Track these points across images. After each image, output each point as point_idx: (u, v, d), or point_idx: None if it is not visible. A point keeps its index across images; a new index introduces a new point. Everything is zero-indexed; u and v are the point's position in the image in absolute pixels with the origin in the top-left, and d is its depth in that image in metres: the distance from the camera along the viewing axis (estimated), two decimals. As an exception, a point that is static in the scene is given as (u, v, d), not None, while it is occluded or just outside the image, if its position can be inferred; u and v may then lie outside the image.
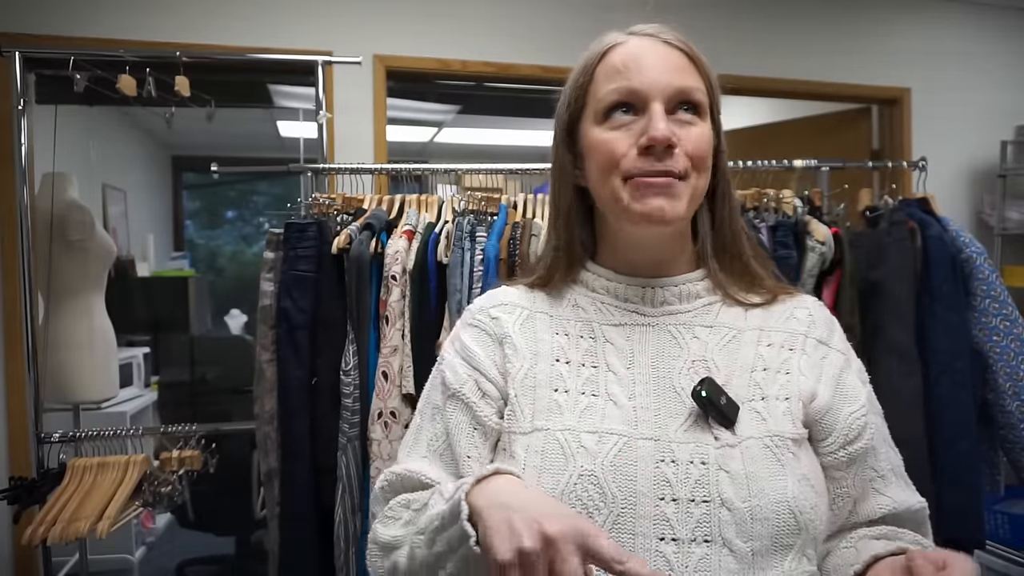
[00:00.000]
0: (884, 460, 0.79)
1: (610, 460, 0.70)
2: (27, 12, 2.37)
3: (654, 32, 0.79)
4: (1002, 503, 2.83)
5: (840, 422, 0.75)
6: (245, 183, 6.51)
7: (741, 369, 0.75)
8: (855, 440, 0.75)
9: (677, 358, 0.76)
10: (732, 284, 0.81)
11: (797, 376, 0.75)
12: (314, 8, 2.64)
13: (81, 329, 2.27)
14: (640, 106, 0.74)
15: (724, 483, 0.67)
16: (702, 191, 0.77)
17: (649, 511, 0.67)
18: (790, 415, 0.73)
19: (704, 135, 0.75)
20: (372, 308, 1.65)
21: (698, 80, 0.76)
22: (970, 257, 1.78)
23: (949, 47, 3.46)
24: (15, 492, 1.89)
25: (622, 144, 0.74)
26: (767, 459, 0.69)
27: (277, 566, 1.65)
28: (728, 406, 0.70)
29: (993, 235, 3.33)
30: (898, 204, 1.86)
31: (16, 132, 2.00)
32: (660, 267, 0.81)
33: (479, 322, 0.84)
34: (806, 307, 0.82)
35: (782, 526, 0.66)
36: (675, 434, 0.71)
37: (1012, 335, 1.75)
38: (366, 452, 1.60)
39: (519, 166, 1.94)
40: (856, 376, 0.79)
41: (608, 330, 0.79)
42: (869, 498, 0.78)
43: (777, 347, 0.77)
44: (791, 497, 0.67)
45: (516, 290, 0.87)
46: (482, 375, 0.79)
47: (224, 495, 2.81)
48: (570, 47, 3.41)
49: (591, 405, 0.74)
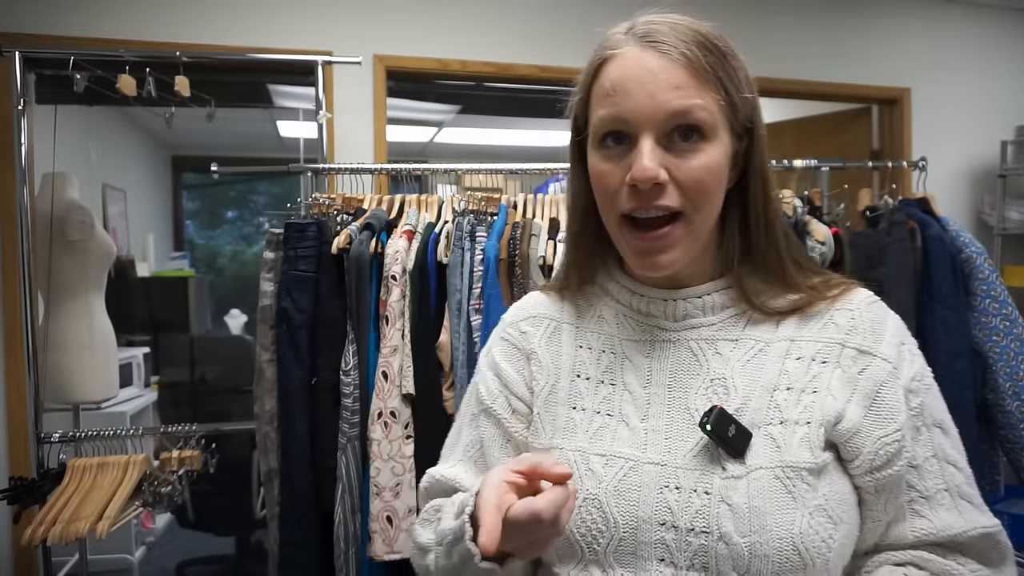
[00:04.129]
0: (935, 479, 0.70)
1: (614, 485, 0.70)
2: (27, 12, 2.37)
3: (653, 38, 0.69)
4: (1002, 503, 2.83)
5: (868, 446, 0.68)
6: (245, 183, 6.51)
7: (762, 389, 0.71)
8: (884, 467, 0.68)
9: (695, 376, 0.73)
10: (762, 291, 0.75)
11: (824, 396, 0.69)
12: (314, 8, 2.64)
13: (81, 329, 2.26)
14: (631, 134, 0.69)
15: (724, 516, 0.65)
16: (708, 220, 0.72)
17: (650, 537, 0.68)
18: (808, 442, 0.67)
19: (706, 163, 0.68)
20: (372, 308, 1.65)
21: (702, 95, 0.68)
22: (970, 257, 1.78)
23: (949, 47, 3.46)
24: (15, 492, 1.89)
25: (614, 179, 0.70)
26: (776, 492, 0.65)
27: (277, 566, 1.65)
28: (737, 437, 0.67)
29: (993, 235, 3.33)
30: (898, 204, 1.86)
31: (16, 132, 2.00)
32: (682, 278, 0.76)
33: (509, 336, 0.85)
34: (850, 309, 0.73)
35: (784, 564, 0.64)
36: (683, 460, 0.69)
37: (1012, 335, 1.75)
38: (366, 452, 1.60)
39: (519, 166, 1.94)
40: (903, 389, 0.70)
41: (628, 346, 0.77)
42: (904, 520, 0.71)
43: (807, 360, 0.71)
44: (797, 533, 0.64)
45: (547, 298, 0.86)
46: (511, 393, 0.81)
47: (224, 495, 2.82)
48: (569, 47, 3.43)
49: (604, 426, 0.74)
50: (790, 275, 0.75)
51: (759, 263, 0.75)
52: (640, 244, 0.71)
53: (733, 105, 0.70)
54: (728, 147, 0.71)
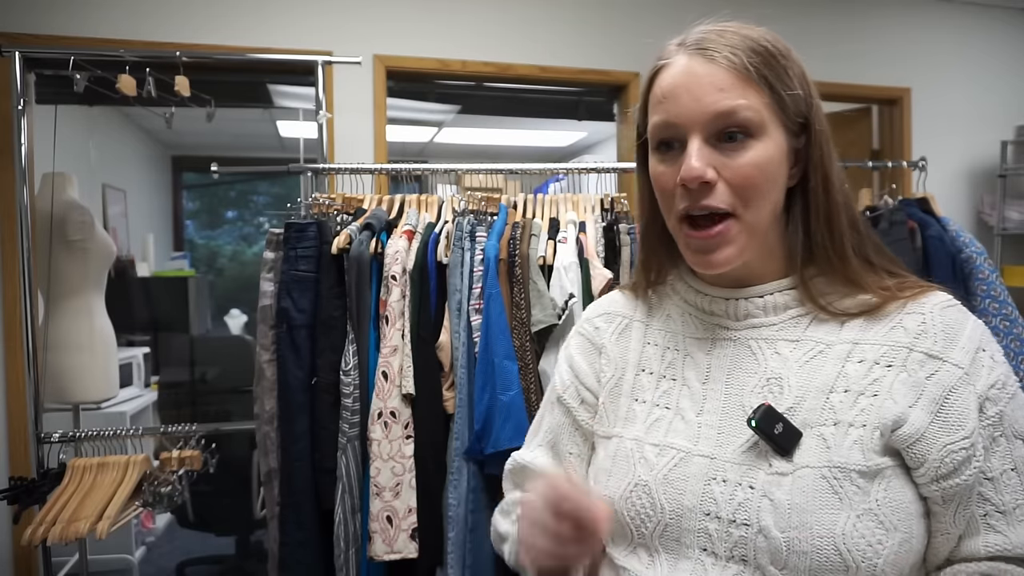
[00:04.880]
0: (1013, 493, 0.68)
1: (664, 473, 0.73)
2: (27, 12, 2.38)
3: (702, 45, 0.72)
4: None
5: (933, 453, 0.66)
6: (245, 183, 6.51)
7: (817, 390, 0.70)
8: (951, 475, 0.66)
9: (752, 374, 0.74)
10: (828, 292, 0.75)
11: (884, 399, 0.68)
12: (314, 8, 2.64)
13: (81, 329, 2.27)
14: (681, 139, 0.72)
15: (765, 510, 0.67)
16: (763, 218, 0.73)
17: (694, 525, 0.70)
18: (861, 445, 0.67)
19: (755, 160, 0.70)
20: (372, 308, 1.65)
21: (747, 95, 0.70)
22: (970, 257, 1.78)
23: (949, 47, 3.47)
24: (15, 492, 1.89)
25: (669, 180, 0.73)
26: (821, 491, 0.66)
27: (277, 566, 1.65)
28: (784, 435, 0.68)
29: (993, 235, 3.33)
30: (898, 204, 1.86)
31: (16, 132, 2.00)
32: (746, 278, 0.77)
33: (585, 331, 0.90)
34: (922, 313, 0.72)
35: (823, 562, 0.64)
36: (731, 454, 0.71)
37: (1012, 335, 1.75)
38: (366, 452, 1.60)
39: (519, 166, 1.94)
40: (976, 397, 0.68)
41: (691, 343, 0.80)
42: (979, 534, 0.69)
43: (869, 363, 0.70)
44: (839, 533, 0.64)
45: (623, 297, 0.90)
46: (582, 384, 0.86)
47: (224, 495, 2.82)
48: (569, 47, 3.42)
49: (661, 417, 0.77)
50: (856, 275, 0.74)
51: (823, 262, 0.75)
52: (695, 242, 0.73)
53: (782, 102, 0.72)
54: (783, 144, 0.72)
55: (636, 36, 3.00)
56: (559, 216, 1.81)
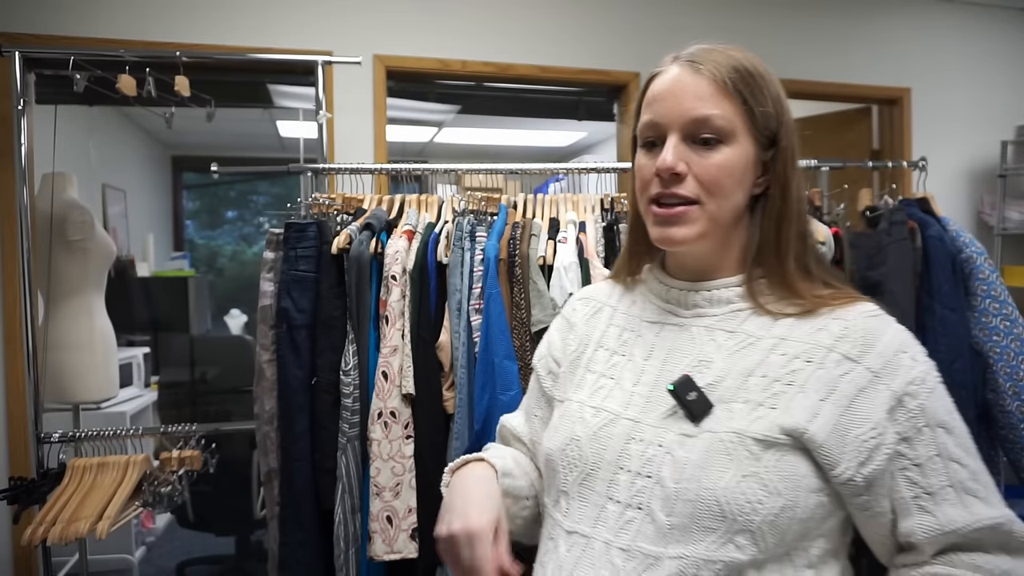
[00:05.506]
0: (938, 477, 0.76)
1: (594, 431, 0.84)
2: (27, 12, 2.38)
3: (693, 59, 0.83)
4: (1002, 503, 2.82)
5: (848, 444, 0.74)
6: (245, 183, 6.51)
7: (738, 373, 0.80)
8: (867, 462, 0.74)
9: (687, 355, 0.84)
10: (767, 293, 0.84)
11: (797, 391, 0.77)
12: (314, 8, 2.64)
13: (81, 329, 2.27)
14: (663, 137, 0.82)
15: (667, 465, 0.77)
16: (725, 213, 0.82)
17: (608, 476, 0.81)
18: (764, 421, 0.75)
19: (721, 162, 0.80)
20: (372, 308, 1.65)
21: (721, 105, 0.80)
22: (970, 257, 1.78)
23: (949, 47, 3.47)
24: (15, 492, 1.89)
25: (648, 171, 0.83)
26: (716, 452, 0.75)
27: (277, 566, 1.65)
28: (696, 403, 0.78)
29: (993, 235, 3.33)
30: (898, 204, 1.86)
31: (16, 132, 2.00)
32: (703, 272, 0.88)
33: (566, 312, 1.03)
34: (846, 319, 0.80)
35: (703, 510, 0.73)
36: (653, 419, 0.81)
37: (1012, 335, 1.75)
38: (366, 452, 1.60)
39: (519, 166, 1.94)
40: (891, 394, 0.76)
41: (644, 326, 0.91)
42: (911, 515, 0.77)
43: (791, 357, 0.79)
44: (722, 487, 0.73)
45: (606, 285, 1.02)
46: (552, 357, 0.99)
47: (224, 495, 2.82)
48: (569, 47, 3.42)
49: (604, 385, 0.88)
50: (792, 279, 0.83)
51: (768, 266, 0.85)
52: (659, 218, 0.83)
53: (754, 116, 0.82)
54: (751, 153, 0.83)
55: (636, 36, 3.00)
56: (559, 216, 1.81)
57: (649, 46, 3.00)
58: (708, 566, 0.73)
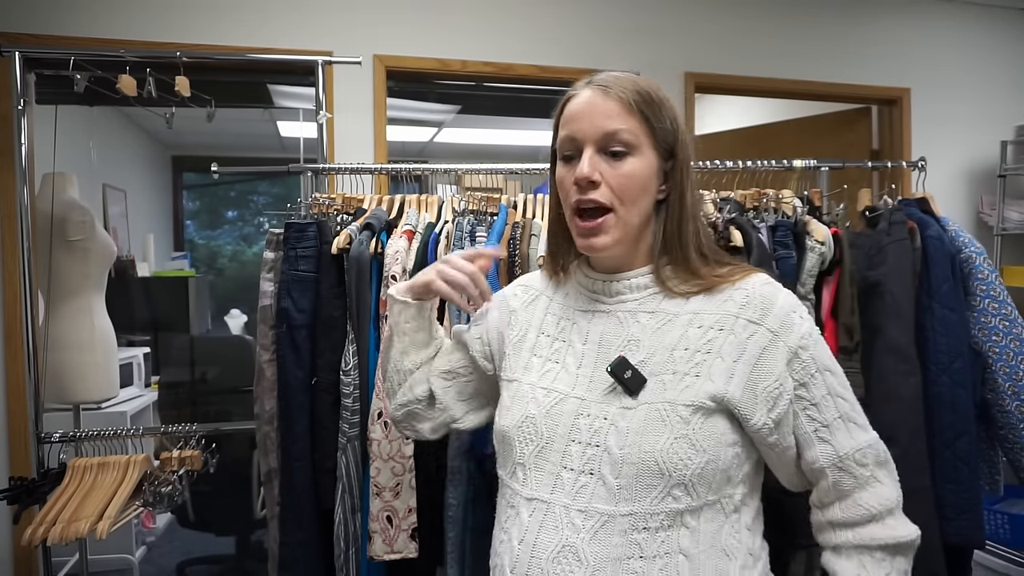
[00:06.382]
0: (830, 411, 0.94)
1: (547, 409, 0.97)
2: (27, 12, 2.38)
3: (604, 83, 0.96)
4: (1002, 503, 2.83)
5: (759, 395, 0.91)
6: (245, 183, 6.50)
7: (664, 348, 0.94)
8: (774, 407, 0.91)
9: (618, 337, 0.98)
10: (672, 278, 0.99)
11: (715, 357, 0.92)
12: (314, 8, 2.64)
13: (81, 329, 2.27)
14: (580, 149, 0.95)
15: (611, 434, 0.90)
16: (635, 217, 0.96)
17: (561, 447, 0.93)
18: (691, 390, 0.90)
19: (629, 170, 0.94)
20: (372, 308, 1.65)
21: (628, 122, 0.94)
22: (969, 257, 1.78)
23: (949, 47, 3.47)
24: (15, 492, 1.90)
25: (568, 181, 0.97)
26: (653, 420, 0.89)
27: (277, 566, 1.65)
28: (632, 379, 0.92)
29: (992, 235, 3.33)
30: (897, 204, 1.86)
31: (16, 132, 2.00)
32: (619, 266, 1.02)
33: (507, 293, 1.15)
34: (746, 289, 0.96)
35: (644, 470, 0.87)
36: (597, 396, 0.95)
37: (1011, 335, 1.75)
38: (366, 452, 1.60)
39: (519, 166, 1.94)
40: (787, 349, 0.92)
41: (577, 314, 1.04)
42: (813, 446, 0.95)
43: (706, 328, 0.94)
44: (659, 449, 0.87)
45: (541, 275, 1.15)
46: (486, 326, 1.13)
47: (224, 495, 2.82)
48: (569, 47, 3.41)
49: (551, 369, 1.01)
50: (694, 265, 0.98)
51: (672, 256, 0.99)
52: (583, 230, 0.97)
53: (655, 131, 0.96)
54: (654, 163, 0.96)
55: (636, 36, 3.00)
56: (559, 216, 1.81)
57: (649, 46, 3.00)
58: (654, 517, 0.87)
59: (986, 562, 2.67)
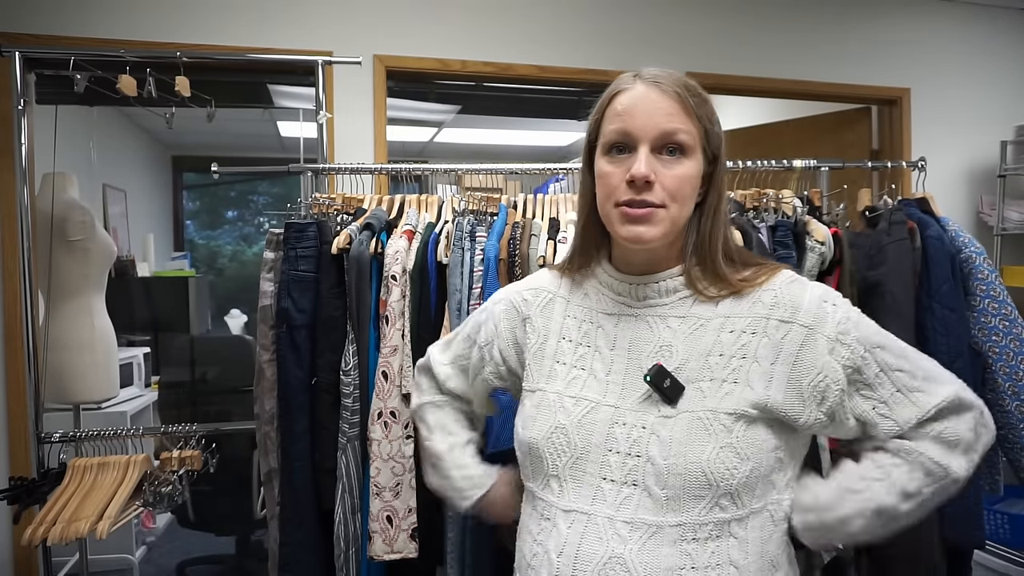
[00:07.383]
0: (887, 388, 0.91)
1: (578, 419, 0.93)
2: (27, 12, 2.38)
3: (657, 79, 0.92)
4: (1002, 503, 2.83)
5: (805, 392, 0.88)
6: (245, 183, 6.50)
7: (699, 354, 0.91)
8: (824, 401, 0.89)
9: (648, 343, 0.95)
10: (702, 280, 0.96)
11: (751, 362, 0.90)
12: (314, 8, 2.64)
13: (81, 329, 2.27)
14: (632, 146, 0.91)
15: (653, 444, 0.88)
16: (682, 217, 0.93)
17: (598, 458, 0.91)
18: (732, 397, 0.88)
19: (684, 172, 0.91)
20: (372, 308, 1.65)
21: (686, 123, 0.91)
22: (969, 257, 1.78)
23: (949, 47, 3.47)
24: (15, 492, 1.90)
25: (616, 177, 0.92)
26: (695, 429, 0.87)
27: (277, 566, 1.65)
28: (671, 388, 0.89)
29: (992, 235, 3.33)
30: (897, 204, 1.86)
31: (16, 132, 2.00)
32: (649, 267, 0.98)
33: (514, 300, 1.09)
34: (773, 289, 0.93)
35: (692, 481, 0.85)
36: (631, 404, 0.92)
37: (1011, 335, 1.75)
38: (366, 452, 1.60)
39: (519, 166, 1.94)
40: (826, 339, 0.89)
41: (602, 317, 1.00)
42: (877, 425, 0.92)
43: (739, 332, 0.92)
44: (705, 460, 0.85)
45: (550, 274, 1.10)
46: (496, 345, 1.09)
47: (224, 495, 2.82)
48: (569, 47, 3.41)
49: (578, 376, 0.97)
50: (721, 269, 0.95)
51: (702, 258, 0.96)
52: (632, 216, 0.91)
53: (708, 135, 0.93)
54: (701, 167, 0.93)
55: (636, 37, 3.00)
56: (559, 216, 1.81)
57: (649, 46, 3.00)
58: (702, 528, 0.86)
59: (986, 562, 2.67)
